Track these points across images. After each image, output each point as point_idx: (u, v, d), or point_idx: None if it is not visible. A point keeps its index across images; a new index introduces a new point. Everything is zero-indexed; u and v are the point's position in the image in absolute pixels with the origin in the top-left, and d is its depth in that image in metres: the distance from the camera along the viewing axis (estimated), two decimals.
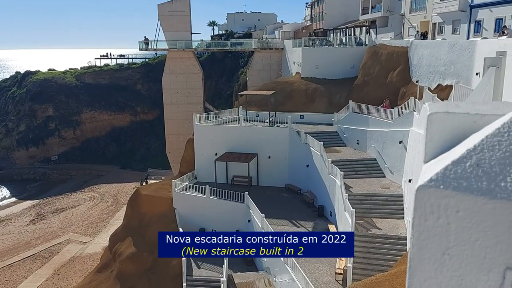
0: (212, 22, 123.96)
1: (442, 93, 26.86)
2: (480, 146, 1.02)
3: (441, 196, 0.99)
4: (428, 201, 1.01)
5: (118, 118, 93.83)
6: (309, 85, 44.96)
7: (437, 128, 1.36)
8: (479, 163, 0.99)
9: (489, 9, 34.05)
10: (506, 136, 1.01)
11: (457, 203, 0.97)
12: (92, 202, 70.72)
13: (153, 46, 67.40)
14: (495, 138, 1.02)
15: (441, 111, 1.38)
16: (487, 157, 1.00)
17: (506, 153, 0.99)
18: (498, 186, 0.94)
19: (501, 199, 0.92)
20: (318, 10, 76.57)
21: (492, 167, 0.98)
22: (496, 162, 0.98)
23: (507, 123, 1.03)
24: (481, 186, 0.95)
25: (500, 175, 0.96)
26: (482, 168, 0.98)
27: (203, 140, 38.56)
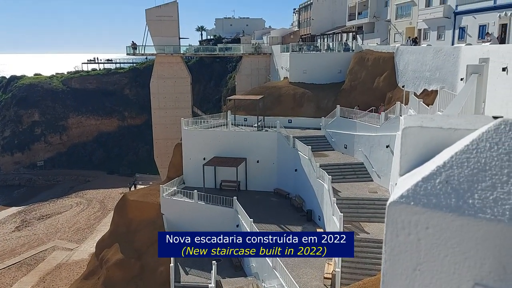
0: (200, 27, 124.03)
1: (428, 98, 27.22)
2: (449, 163, 1.04)
3: (412, 213, 1.01)
4: (399, 217, 1.03)
5: (106, 123, 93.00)
6: (297, 90, 45.19)
7: (411, 142, 1.38)
8: (448, 180, 1.01)
9: (473, 16, 34.70)
10: (474, 153, 1.03)
11: (426, 220, 0.99)
12: (79, 208, 69.80)
13: (141, 51, 67.12)
14: (463, 155, 1.04)
15: (415, 125, 1.40)
16: (456, 174, 1.02)
17: (474, 170, 1.01)
18: (466, 203, 0.96)
19: (469, 216, 0.94)
20: (306, 16, 77.15)
21: (460, 184, 1.00)
22: (464, 179, 1.00)
23: (475, 140, 1.06)
24: (450, 203, 0.97)
25: (468, 192, 0.98)
26: (451, 185, 1.00)
27: (191, 145, 38.44)
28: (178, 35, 67.31)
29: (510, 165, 0.98)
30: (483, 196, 0.95)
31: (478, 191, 0.97)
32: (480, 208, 0.94)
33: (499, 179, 0.97)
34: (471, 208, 0.94)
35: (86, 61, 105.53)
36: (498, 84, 16.55)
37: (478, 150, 1.03)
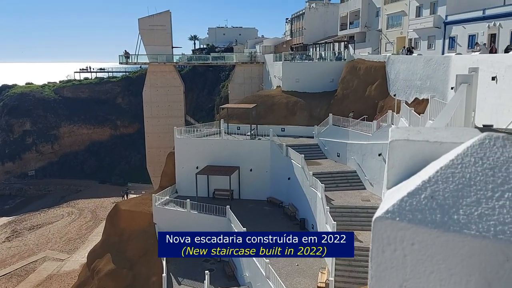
0: (193, 36, 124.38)
1: (419, 106, 27.43)
2: (434, 178, 1.04)
3: (397, 228, 1.00)
4: (385, 233, 1.02)
5: (98, 132, 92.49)
6: (290, 99, 45.36)
7: (398, 155, 1.38)
8: (433, 195, 1.01)
9: (462, 26, 35.17)
10: (459, 168, 1.03)
11: (412, 236, 0.98)
12: (70, 218, 69.05)
13: (134, 60, 67.07)
14: (448, 169, 1.04)
15: (402, 138, 1.40)
16: (441, 189, 1.01)
17: (459, 185, 1.00)
18: (451, 219, 0.95)
19: (454, 232, 0.93)
20: (298, 26, 77.72)
21: (445, 199, 0.99)
22: (449, 195, 0.99)
23: (460, 154, 1.05)
24: (435, 218, 0.97)
25: (453, 207, 0.97)
26: (436, 200, 1.00)
27: (184, 154, 38.30)
28: (171, 44, 67.42)
29: (494, 180, 0.98)
30: (468, 212, 0.95)
31: (463, 207, 0.96)
32: (465, 224, 0.93)
33: (483, 194, 0.96)
34: (456, 224, 0.94)
35: (78, 70, 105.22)
36: (488, 93, 16.74)
37: (463, 165, 1.03)
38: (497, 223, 0.91)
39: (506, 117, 14.32)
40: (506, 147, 1.01)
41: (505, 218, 0.91)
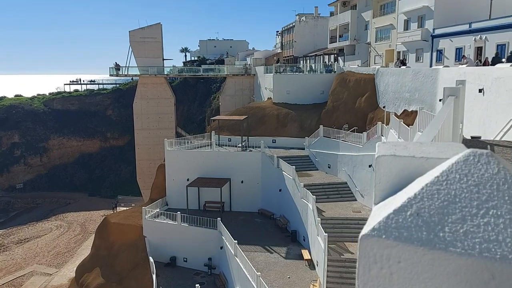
0: (184, 48, 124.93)
1: (408, 118, 27.70)
2: (420, 195, 1.04)
3: (384, 246, 0.99)
4: (371, 251, 1.01)
5: (87, 144, 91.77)
6: (280, 110, 45.55)
7: (385, 171, 1.39)
8: (419, 212, 1.01)
9: (450, 39, 35.77)
10: (444, 184, 1.03)
11: (398, 253, 0.97)
12: (59, 231, 67.99)
13: (125, 72, 67.00)
14: (434, 186, 1.04)
15: (388, 154, 1.40)
16: (427, 206, 1.01)
17: (444, 202, 1.00)
18: (437, 236, 0.95)
19: (439, 249, 0.93)
20: (288, 38, 78.44)
21: (431, 216, 0.99)
22: (435, 212, 0.99)
23: (445, 171, 1.06)
24: (421, 236, 0.96)
25: (438, 224, 0.97)
26: (422, 217, 0.99)
27: (175, 166, 38.10)
28: (162, 56, 67.56)
29: (479, 197, 0.98)
30: (453, 229, 0.95)
31: (449, 224, 0.96)
32: (451, 242, 0.93)
33: (469, 211, 0.97)
34: (442, 241, 0.94)
35: (68, 82, 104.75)
36: (475, 105, 16.99)
37: (448, 181, 1.03)
38: (482, 241, 0.91)
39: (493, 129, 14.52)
40: (490, 164, 1.02)
41: (490, 236, 0.91)
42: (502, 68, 17.52)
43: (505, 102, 14.85)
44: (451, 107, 5.77)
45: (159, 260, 32.19)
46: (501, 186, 0.97)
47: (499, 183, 0.98)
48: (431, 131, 3.19)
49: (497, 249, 0.89)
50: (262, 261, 27.21)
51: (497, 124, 14.70)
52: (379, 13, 50.13)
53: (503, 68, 17.41)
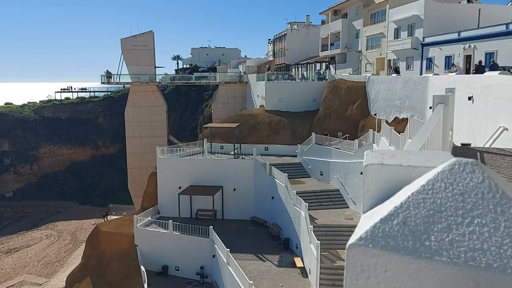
0: (176, 56, 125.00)
1: (399, 125, 27.91)
2: (406, 204, 1.04)
3: (371, 255, 0.99)
4: (358, 260, 1.01)
5: (78, 152, 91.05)
6: (273, 118, 45.65)
7: (373, 179, 1.39)
8: (405, 221, 1.01)
9: (439, 48, 36.23)
10: (430, 193, 1.04)
11: (385, 263, 0.97)
12: (49, 240, 67.13)
13: (116, 80, 66.80)
14: (420, 195, 1.05)
15: (376, 162, 1.41)
16: (413, 215, 1.02)
17: (430, 211, 1.01)
18: (423, 245, 0.95)
19: (425, 259, 0.93)
20: (280, 46, 78.91)
21: (417, 225, 0.99)
22: (421, 221, 1.00)
23: (431, 180, 1.06)
24: (407, 245, 0.97)
25: (424, 233, 0.97)
26: (408, 226, 1.00)
27: (167, 174, 37.92)
28: (153, 64, 67.53)
29: (464, 206, 0.98)
30: (439, 238, 0.95)
31: (435, 233, 0.97)
32: (437, 251, 0.93)
33: (454, 220, 0.97)
34: (428, 250, 0.94)
35: (59, 89, 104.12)
36: (465, 113, 17.18)
37: (433, 190, 1.04)
38: (467, 250, 0.91)
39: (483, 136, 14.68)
40: (475, 173, 1.03)
41: (475, 245, 0.92)
42: (491, 76, 17.76)
43: (494, 110, 15.03)
44: (441, 114, 5.82)
45: (150, 269, 31.88)
46: (486, 195, 0.98)
47: (484, 192, 0.99)
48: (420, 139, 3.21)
49: (482, 258, 0.89)
50: (255, 269, 27.08)
51: (487, 131, 14.86)
52: (369, 21, 50.68)
53: (492, 76, 17.64)
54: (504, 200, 0.96)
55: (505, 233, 0.91)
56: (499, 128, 13.97)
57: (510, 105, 13.95)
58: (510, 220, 0.93)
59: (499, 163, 7.37)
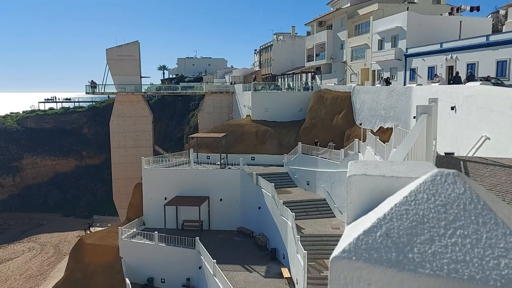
0: (162, 66, 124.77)
1: (384, 135, 28.21)
2: (389, 215, 1.04)
3: (354, 268, 0.98)
4: (342, 273, 1.00)
5: (62, 163, 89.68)
6: (259, 128, 45.71)
7: (356, 190, 1.39)
8: (388, 233, 1.00)
9: (422, 58, 36.88)
10: (413, 204, 1.03)
11: (368, 275, 0.96)
12: (31, 253, 65.63)
13: (101, 90, 66.27)
14: (402, 206, 1.04)
15: (360, 173, 1.41)
16: (396, 226, 1.01)
17: (413, 222, 1.00)
18: (406, 257, 0.95)
19: (409, 271, 0.92)
20: (267, 57, 79.40)
21: (400, 237, 0.99)
22: (404, 232, 0.99)
23: (413, 191, 1.06)
24: (390, 257, 0.96)
25: (407, 245, 0.97)
26: (391, 238, 0.99)
27: (152, 184, 37.55)
28: (139, 74, 67.22)
29: (446, 217, 0.98)
30: (422, 250, 0.95)
31: (417, 245, 0.96)
32: (420, 263, 0.93)
33: (436, 231, 0.97)
34: (411, 262, 0.93)
35: (43, 100, 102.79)
36: (448, 122, 17.46)
37: (416, 201, 1.04)
38: (450, 261, 0.91)
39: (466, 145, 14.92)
40: (456, 184, 1.03)
41: (458, 256, 0.91)
42: (473, 87, 18.11)
43: (476, 119, 15.31)
44: (424, 124, 5.89)
45: (136, 282, 31.36)
46: (468, 206, 0.98)
47: (466, 202, 0.99)
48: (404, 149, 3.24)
49: (465, 269, 0.89)
50: (242, 280, 26.85)
51: (469, 140, 15.11)
52: (354, 33, 51.40)
53: (474, 87, 17.99)
54: (485, 211, 0.96)
55: (487, 244, 0.91)
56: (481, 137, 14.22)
57: (492, 115, 14.23)
58: (491, 231, 0.93)
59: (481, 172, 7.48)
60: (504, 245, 0.90)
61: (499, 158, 8.84)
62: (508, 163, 8.13)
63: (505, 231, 0.92)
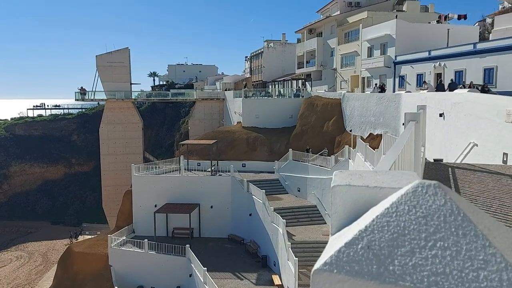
0: (153, 73, 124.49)
1: (374, 141, 28.39)
2: (371, 227, 1.04)
3: (335, 281, 0.98)
4: (323, 286, 0.99)
5: (51, 170, 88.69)
6: (250, 134, 45.73)
7: (340, 200, 1.39)
8: (369, 245, 1.00)
9: (411, 66, 37.29)
10: (394, 216, 1.03)
11: None
12: (19, 262, 64.59)
13: (91, 97, 65.83)
14: (384, 218, 1.04)
15: (344, 183, 1.41)
16: (377, 238, 1.01)
17: (394, 234, 1.00)
18: (387, 270, 0.94)
19: (390, 283, 0.92)
20: (257, 64, 79.69)
21: (381, 249, 0.98)
22: (385, 244, 0.99)
23: (395, 202, 1.06)
24: (371, 269, 0.95)
25: (388, 258, 0.96)
26: (372, 250, 0.99)
27: (142, 192, 37.27)
28: (129, 81, 66.96)
29: (427, 229, 0.98)
30: (402, 262, 0.95)
31: (398, 257, 0.96)
32: (400, 275, 0.92)
33: (417, 243, 0.97)
34: (392, 275, 0.93)
35: (32, 106, 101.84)
36: (436, 129, 17.63)
37: (397, 213, 1.04)
38: (430, 274, 0.91)
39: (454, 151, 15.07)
40: (437, 195, 1.03)
41: (438, 268, 0.91)
42: (461, 94, 18.35)
43: (464, 126, 15.48)
44: (412, 131, 5.94)
45: None
46: (448, 217, 0.99)
47: (446, 214, 0.99)
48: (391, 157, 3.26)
49: (445, 282, 0.89)
50: None
51: (458, 147, 15.26)
52: (343, 40, 51.86)
53: (461, 94, 18.23)
54: (465, 222, 0.97)
55: (466, 257, 0.91)
56: (469, 144, 14.38)
57: (479, 122, 14.40)
58: (471, 243, 0.93)
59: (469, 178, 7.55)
60: (483, 257, 0.90)
61: (487, 165, 8.95)
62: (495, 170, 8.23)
63: (485, 243, 0.92)
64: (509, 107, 12.77)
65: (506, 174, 7.65)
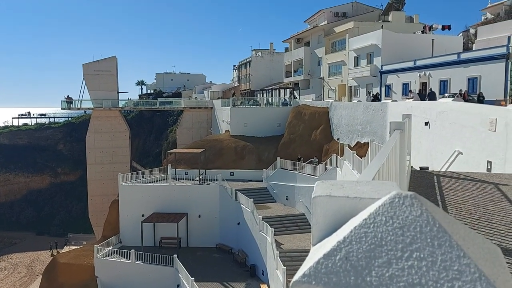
0: (140, 81, 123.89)
1: (361, 150, 28.61)
2: (349, 238, 1.04)
3: None
4: None
5: (36, 180, 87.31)
6: (238, 143, 45.71)
7: (321, 211, 1.39)
8: (347, 256, 1.01)
9: (397, 75, 37.82)
10: (371, 227, 1.04)
11: None
12: (3, 273, 63.19)
13: (77, 105, 65.19)
14: (362, 229, 1.05)
15: (324, 194, 1.42)
16: (355, 249, 1.02)
17: (371, 245, 1.01)
18: (364, 281, 0.95)
19: None
20: (245, 72, 79.98)
21: (359, 260, 0.99)
22: (362, 255, 1.00)
23: (372, 213, 1.07)
24: (349, 281, 0.96)
25: (366, 269, 0.97)
26: (350, 261, 1.00)
27: (129, 201, 36.88)
28: (116, 89, 66.49)
29: (404, 239, 0.99)
30: (379, 273, 0.95)
31: (375, 268, 0.97)
32: (377, 286, 0.93)
33: (394, 254, 0.98)
34: (369, 286, 0.94)
35: (17, 115, 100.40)
36: (422, 137, 17.85)
37: (375, 224, 1.05)
38: (406, 285, 0.92)
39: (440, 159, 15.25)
40: (413, 206, 1.05)
41: (414, 279, 0.92)
42: (445, 103, 18.64)
43: (449, 135, 15.71)
44: (397, 140, 6.00)
45: None
46: (424, 228, 1.00)
47: (422, 225, 1.00)
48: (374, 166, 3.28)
49: None
50: None
51: (443, 155, 15.46)
52: (331, 50, 52.42)
53: (446, 103, 18.52)
54: (440, 233, 0.98)
55: (442, 267, 0.92)
56: (454, 152, 14.58)
57: (464, 130, 14.63)
58: (446, 254, 0.94)
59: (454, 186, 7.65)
60: (458, 268, 0.92)
61: (471, 173, 9.07)
62: (479, 178, 8.35)
63: (459, 254, 0.93)
64: (492, 116, 13.01)
65: (490, 182, 7.77)
